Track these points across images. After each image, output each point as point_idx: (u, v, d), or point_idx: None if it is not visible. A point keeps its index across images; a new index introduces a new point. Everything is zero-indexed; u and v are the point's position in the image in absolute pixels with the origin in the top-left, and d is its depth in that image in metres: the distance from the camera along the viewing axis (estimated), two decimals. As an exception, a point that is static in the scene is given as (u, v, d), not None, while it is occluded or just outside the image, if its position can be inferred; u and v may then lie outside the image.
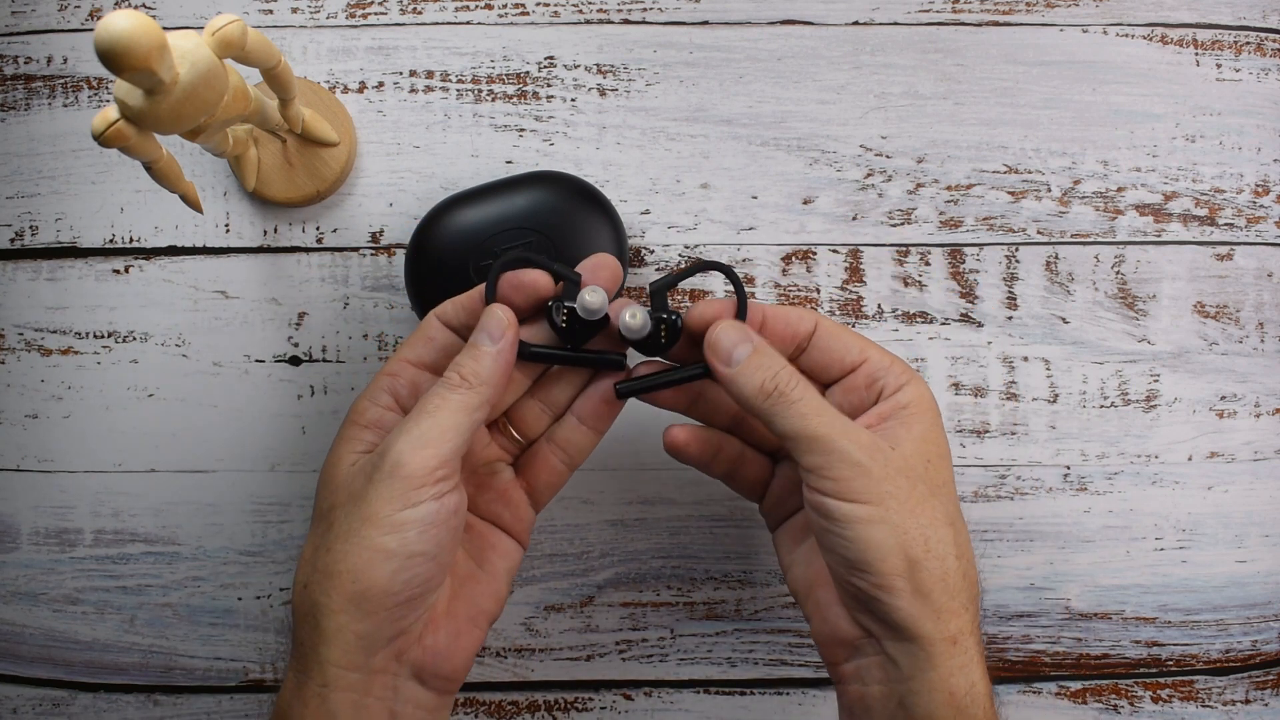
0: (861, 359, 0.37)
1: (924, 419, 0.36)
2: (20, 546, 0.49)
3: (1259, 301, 0.50)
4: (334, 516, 0.34)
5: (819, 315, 0.38)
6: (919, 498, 0.34)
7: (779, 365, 0.35)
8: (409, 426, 0.33)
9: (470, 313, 0.37)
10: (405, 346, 0.37)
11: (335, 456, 0.36)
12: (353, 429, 0.36)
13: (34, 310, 0.49)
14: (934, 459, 0.35)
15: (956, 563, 0.34)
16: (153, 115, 0.32)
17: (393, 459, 0.33)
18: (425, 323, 0.38)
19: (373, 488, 0.33)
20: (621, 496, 0.49)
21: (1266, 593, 0.50)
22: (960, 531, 0.35)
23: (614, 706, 0.49)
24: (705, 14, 0.49)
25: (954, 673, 0.33)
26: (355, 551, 0.32)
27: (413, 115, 0.49)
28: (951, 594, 0.33)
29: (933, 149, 0.49)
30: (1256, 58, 0.50)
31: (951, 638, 0.33)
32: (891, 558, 0.33)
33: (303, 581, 0.34)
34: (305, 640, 0.33)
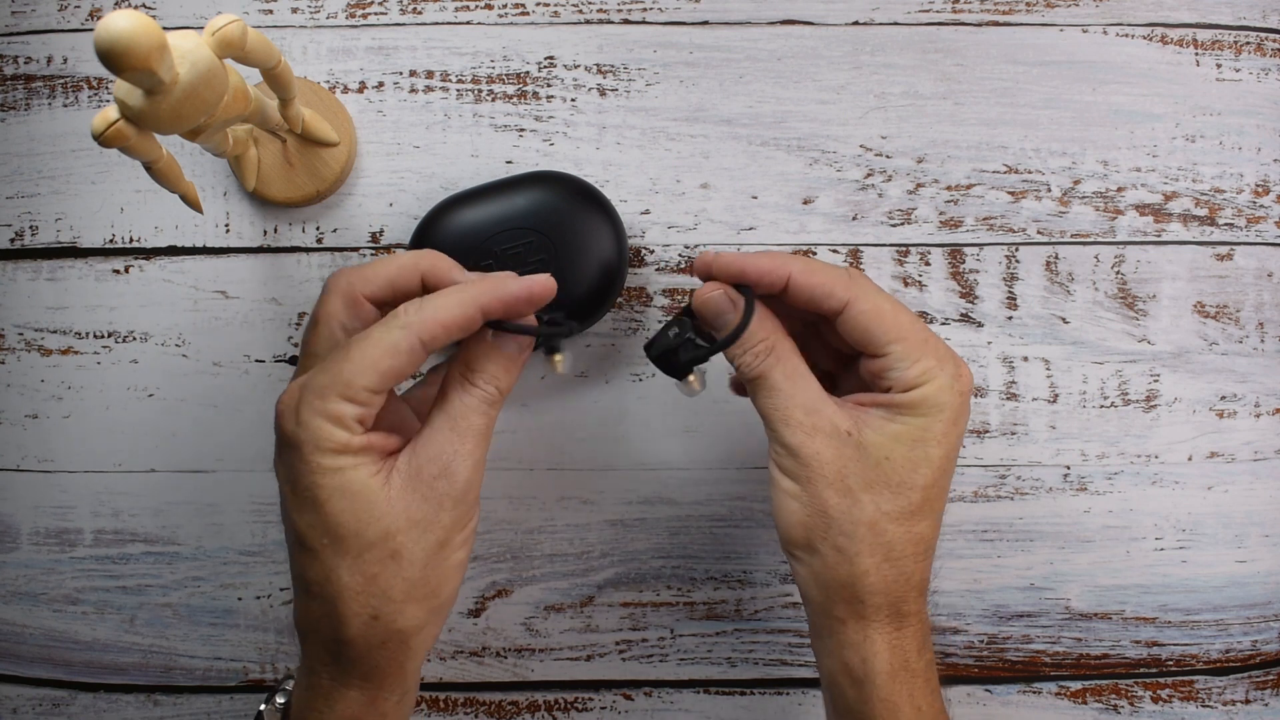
0: (883, 352, 0.36)
1: (916, 421, 0.35)
2: (20, 546, 0.49)
3: (1259, 301, 0.50)
4: (398, 545, 0.33)
5: (859, 293, 0.36)
6: (843, 488, 0.35)
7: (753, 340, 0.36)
8: (467, 449, 0.34)
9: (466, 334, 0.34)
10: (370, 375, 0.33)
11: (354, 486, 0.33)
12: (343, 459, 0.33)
13: (34, 310, 0.49)
14: (899, 459, 0.35)
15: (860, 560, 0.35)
16: (153, 115, 0.32)
17: (463, 483, 0.34)
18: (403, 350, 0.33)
19: (445, 513, 0.34)
20: (621, 496, 0.49)
21: (1266, 593, 0.50)
22: (885, 533, 0.35)
23: (614, 706, 0.49)
24: (705, 14, 0.49)
25: (844, 647, 0.36)
26: (437, 573, 0.34)
27: (413, 115, 0.49)
28: (842, 584, 0.35)
29: (933, 149, 0.49)
30: (1256, 58, 0.50)
31: (840, 618, 0.36)
32: (794, 531, 0.36)
33: (368, 613, 0.33)
34: (384, 662, 0.34)
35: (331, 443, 0.33)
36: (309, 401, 0.33)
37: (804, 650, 0.50)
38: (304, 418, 0.33)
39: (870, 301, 0.36)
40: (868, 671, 0.36)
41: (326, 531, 0.33)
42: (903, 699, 0.36)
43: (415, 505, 0.33)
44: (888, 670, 0.36)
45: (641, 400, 0.49)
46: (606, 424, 0.48)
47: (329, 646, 0.35)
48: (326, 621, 0.34)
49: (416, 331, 0.33)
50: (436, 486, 0.33)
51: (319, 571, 0.34)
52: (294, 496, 0.34)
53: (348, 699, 0.35)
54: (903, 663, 0.36)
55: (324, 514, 0.33)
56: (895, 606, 0.36)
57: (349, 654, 0.34)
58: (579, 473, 0.49)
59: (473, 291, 0.34)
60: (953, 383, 0.36)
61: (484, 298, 0.34)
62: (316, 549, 0.33)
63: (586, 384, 0.49)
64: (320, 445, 0.33)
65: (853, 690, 0.36)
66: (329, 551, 0.33)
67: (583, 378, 0.49)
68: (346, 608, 0.33)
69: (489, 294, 0.34)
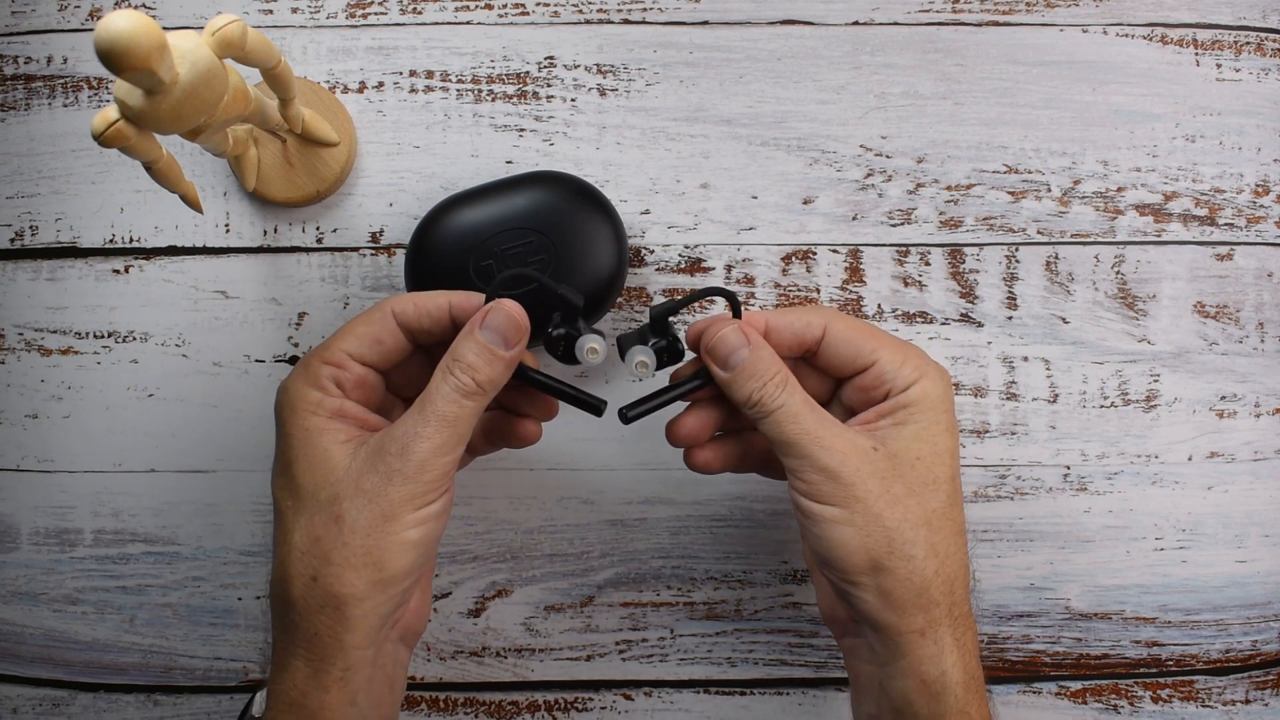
0: (871, 360, 0.37)
1: (924, 417, 0.36)
2: (20, 546, 0.49)
3: (1259, 301, 0.50)
4: (341, 509, 0.34)
5: (831, 316, 0.38)
6: (892, 499, 0.35)
7: (769, 374, 0.36)
8: (428, 432, 0.34)
9: (435, 321, 0.37)
10: (350, 338, 0.37)
11: (317, 448, 0.35)
12: (316, 419, 0.36)
13: (34, 310, 0.49)
14: (926, 456, 0.36)
15: (928, 561, 0.35)
16: (153, 115, 0.32)
17: (417, 463, 0.34)
18: (379, 320, 0.37)
19: (394, 487, 0.34)
20: (621, 496, 0.49)
21: (1266, 593, 0.50)
22: (940, 529, 0.36)
23: (614, 706, 0.49)
24: (705, 14, 0.49)
25: (924, 661, 0.35)
26: (380, 545, 0.34)
27: (413, 115, 0.49)
28: (918, 591, 0.35)
29: (933, 149, 0.49)
30: (1256, 58, 0.50)
31: (919, 630, 0.35)
32: (854, 557, 0.35)
33: (309, 574, 0.34)
34: (323, 630, 0.34)
35: (305, 402, 0.35)
36: (296, 370, 0.37)
37: (804, 650, 0.50)
38: (288, 383, 0.37)
39: (845, 321, 0.38)
40: (945, 683, 0.35)
41: (291, 493, 0.35)
42: (974, 708, 0.36)
43: (366, 476, 0.34)
44: (962, 680, 0.35)
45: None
46: (606, 424, 0.48)
47: (281, 611, 0.36)
48: (280, 584, 0.35)
49: (390, 302, 0.37)
50: (390, 462, 0.34)
51: (281, 531, 0.36)
52: (277, 465, 0.36)
53: (293, 669, 0.35)
54: (973, 670, 0.36)
55: (291, 474, 0.35)
56: (954, 607, 0.36)
57: (292, 617, 0.35)
58: (579, 473, 0.49)
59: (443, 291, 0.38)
60: (939, 375, 0.37)
61: (454, 296, 0.37)
62: (284, 510, 0.36)
63: (587, 384, 0.49)
64: (295, 406, 0.36)
65: (929, 706, 0.35)
66: (290, 512, 0.35)
67: (583, 378, 0.49)
68: (293, 567, 0.35)
69: (457, 294, 0.38)
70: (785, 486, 0.46)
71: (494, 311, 0.36)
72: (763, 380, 0.36)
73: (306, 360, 0.37)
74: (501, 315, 0.36)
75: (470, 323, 0.36)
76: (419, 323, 0.37)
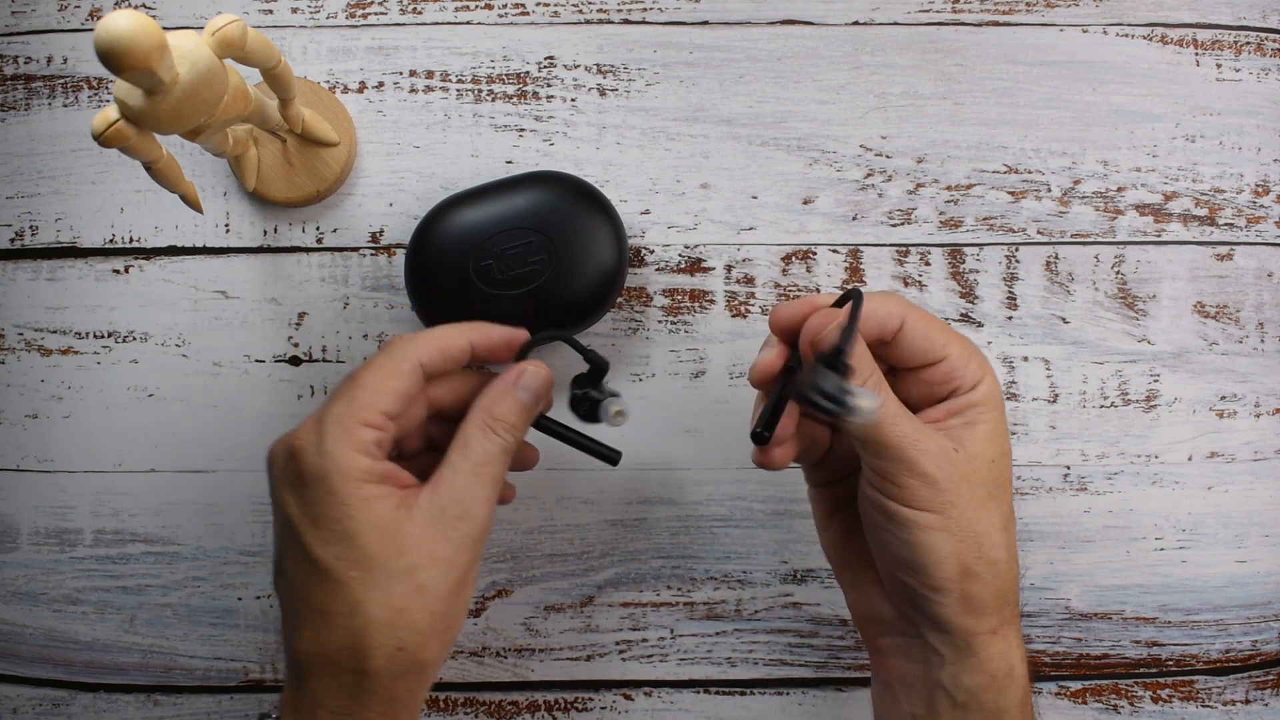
0: (943, 355, 0.37)
1: (991, 417, 0.36)
2: (20, 546, 0.49)
3: (1259, 301, 0.50)
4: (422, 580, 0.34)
5: (908, 308, 0.37)
6: (978, 503, 0.35)
7: (868, 372, 0.35)
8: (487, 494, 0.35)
9: (458, 363, 0.37)
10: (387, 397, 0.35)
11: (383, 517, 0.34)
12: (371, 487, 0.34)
13: (34, 310, 0.49)
14: (997, 458, 0.36)
15: (1009, 564, 0.35)
16: (153, 115, 0.32)
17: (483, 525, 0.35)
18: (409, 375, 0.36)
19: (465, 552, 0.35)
20: (621, 496, 0.49)
21: (1266, 593, 0.50)
22: (1011, 531, 0.36)
23: (614, 706, 0.49)
24: (705, 14, 0.49)
25: (994, 658, 0.35)
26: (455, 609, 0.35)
27: (413, 115, 0.49)
28: (999, 594, 0.35)
29: (933, 149, 0.49)
30: (1256, 58, 0.50)
31: (992, 629, 0.35)
32: (946, 564, 0.34)
33: (394, 645, 0.33)
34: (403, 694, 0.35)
35: (358, 470, 0.34)
36: (332, 432, 0.34)
37: (804, 650, 0.50)
38: (329, 447, 0.34)
39: (919, 312, 0.37)
40: (1014, 676, 0.36)
41: (356, 563, 0.33)
42: (1029, 697, 0.36)
43: (439, 543, 0.34)
44: (1025, 671, 0.36)
45: (641, 400, 0.49)
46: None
47: (345, 679, 0.34)
48: (348, 654, 0.34)
49: (416, 353, 0.36)
50: (460, 528, 0.34)
51: (345, 603, 0.33)
52: (316, 530, 0.34)
53: None
54: (1027, 658, 0.37)
55: (355, 545, 0.33)
56: (1017, 604, 0.37)
57: (369, 685, 0.34)
58: (579, 473, 0.49)
59: (463, 326, 0.37)
60: (995, 374, 0.37)
61: (473, 333, 0.37)
62: (344, 580, 0.33)
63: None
64: (348, 474, 0.33)
65: (996, 700, 0.36)
66: (358, 583, 0.33)
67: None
68: (373, 639, 0.33)
69: (477, 330, 0.37)
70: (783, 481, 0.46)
71: (532, 374, 0.37)
72: (863, 378, 0.35)
73: (340, 421, 0.34)
74: (540, 379, 0.37)
75: (506, 381, 0.37)
76: (442, 368, 0.37)
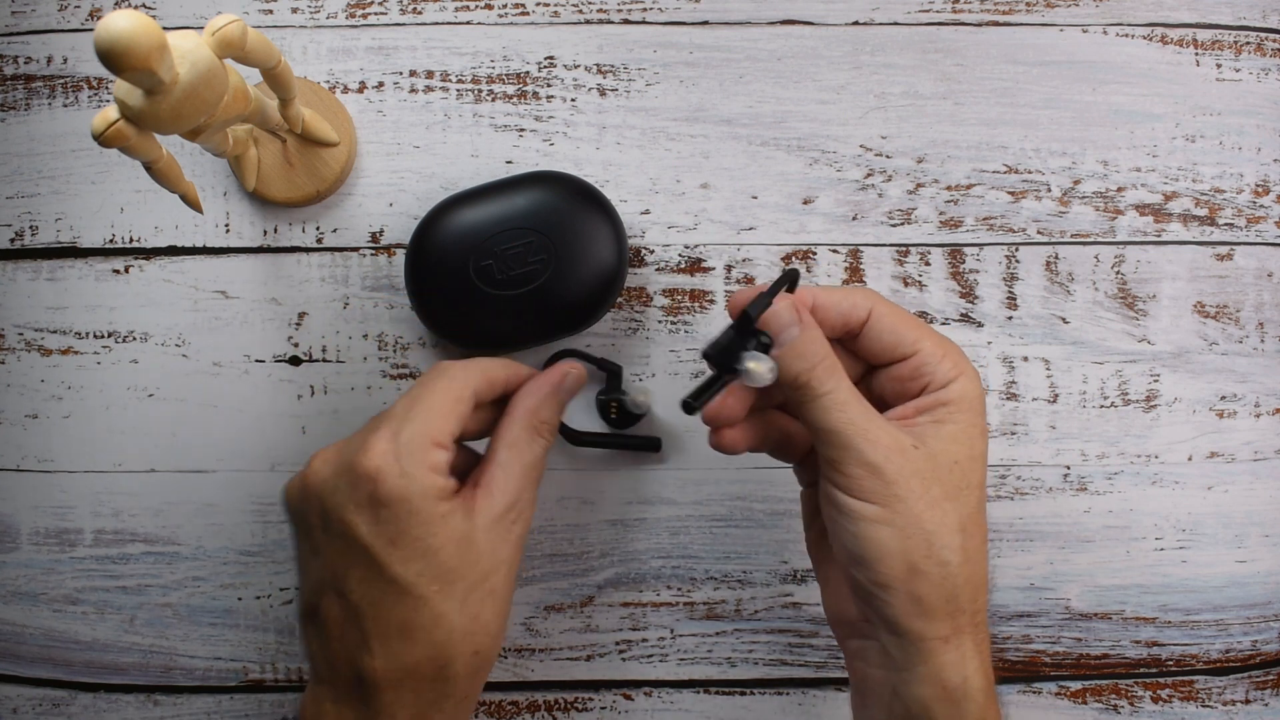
0: (913, 350, 0.36)
1: (962, 418, 0.35)
2: (20, 546, 0.49)
3: (1259, 301, 0.50)
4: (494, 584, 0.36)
5: (877, 299, 0.37)
6: (932, 501, 0.34)
7: (818, 357, 0.35)
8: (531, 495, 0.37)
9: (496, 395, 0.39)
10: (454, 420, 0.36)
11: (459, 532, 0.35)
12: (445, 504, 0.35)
13: (34, 310, 0.49)
14: (962, 460, 0.35)
15: (960, 567, 0.34)
16: (153, 115, 0.32)
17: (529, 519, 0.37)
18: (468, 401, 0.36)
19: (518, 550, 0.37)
20: (621, 496, 0.49)
21: (1266, 593, 0.50)
22: (972, 535, 0.35)
23: (614, 706, 0.49)
24: (705, 14, 0.49)
25: (946, 667, 0.34)
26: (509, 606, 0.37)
27: (413, 115, 0.49)
28: (948, 598, 0.34)
29: (933, 149, 0.49)
30: (1256, 58, 0.50)
31: (944, 636, 0.34)
32: (891, 560, 0.34)
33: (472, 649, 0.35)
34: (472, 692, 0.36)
35: (437, 490, 0.35)
36: (411, 455, 0.34)
37: (804, 650, 0.50)
38: (409, 469, 0.34)
39: (888, 305, 0.37)
40: (968, 690, 0.34)
41: (438, 577, 0.34)
42: (991, 713, 0.35)
43: (500, 546, 0.36)
44: (983, 686, 0.35)
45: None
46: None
47: (424, 689, 0.35)
48: (430, 664, 0.34)
49: (473, 382, 0.37)
50: (515, 529, 0.36)
51: (427, 617, 0.34)
52: (395, 550, 0.34)
53: None
54: (990, 676, 0.36)
55: (437, 560, 0.34)
56: (977, 614, 0.35)
57: (447, 690, 0.35)
58: (579, 473, 0.49)
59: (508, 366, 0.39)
60: (975, 374, 0.36)
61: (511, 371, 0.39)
62: (426, 595, 0.34)
63: (587, 384, 0.49)
64: (429, 494, 0.34)
65: (949, 713, 0.35)
66: (439, 596, 0.34)
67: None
68: (455, 647, 0.35)
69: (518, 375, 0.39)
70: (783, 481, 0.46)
71: (575, 378, 0.40)
72: (812, 363, 0.35)
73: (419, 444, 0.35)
74: (581, 382, 0.40)
75: (550, 383, 0.39)
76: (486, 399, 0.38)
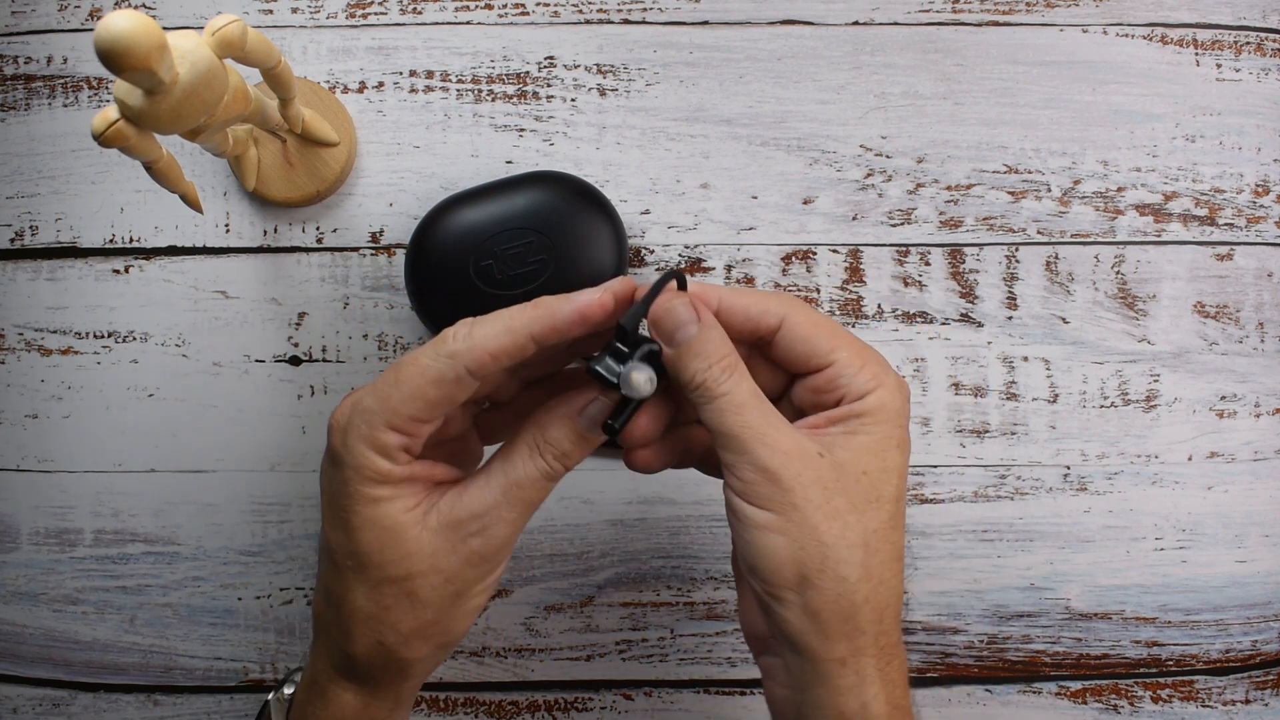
0: (828, 361, 0.34)
1: (877, 429, 0.33)
2: (20, 546, 0.49)
3: (1259, 301, 0.50)
4: (415, 586, 0.33)
5: (792, 307, 0.35)
6: (832, 512, 0.32)
7: (716, 356, 0.33)
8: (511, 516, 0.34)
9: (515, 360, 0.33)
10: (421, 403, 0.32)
11: (387, 520, 0.33)
12: (383, 489, 0.33)
13: (34, 310, 0.49)
14: (872, 471, 0.33)
15: (860, 585, 0.32)
16: (153, 115, 0.32)
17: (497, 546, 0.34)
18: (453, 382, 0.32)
19: (471, 569, 0.34)
20: (621, 496, 0.49)
21: (1266, 593, 0.50)
22: (877, 552, 0.33)
23: (614, 706, 0.49)
24: (705, 14, 0.49)
25: (843, 692, 0.33)
26: (451, 617, 0.34)
27: (413, 115, 0.49)
28: (845, 616, 0.32)
29: (933, 149, 0.49)
30: (1256, 58, 0.50)
31: (840, 659, 0.33)
32: (783, 570, 0.32)
33: (373, 638, 0.34)
34: (384, 681, 0.35)
35: (372, 471, 0.32)
36: (356, 426, 0.32)
37: (804, 650, 0.49)
38: (350, 441, 0.33)
39: (805, 313, 0.35)
40: (867, 716, 0.33)
41: (351, 555, 0.33)
42: None
43: (443, 554, 0.33)
44: (886, 713, 0.33)
45: (641, 400, 0.49)
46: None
47: (333, 651, 0.35)
48: (337, 630, 0.35)
49: (464, 362, 0.32)
50: (470, 544, 0.33)
51: (339, 587, 0.34)
52: (329, 510, 0.34)
53: (342, 701, 0.35)
54: (898, 701, 0.34)
55: (353, 539, 0.33)
56: (881, 636, 0.33)
57: (352, 666, 0.35)
58: (579, 473, 0.49)
59: (523, 319, 0.32)
60: (898, 385, 0.34)
61: (535, 325, 0.32)
62: (340, 566, 0.34)
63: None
64: (361, 472, 0.32)
65: None
66: (350, 574, 0.34)
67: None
68: (355, 628, 0.34)
69: (540, 320, 0.32)
70: None
71: (601, 406, 0.34)
72: (709, 362, 0.33)
73: (368, 420, 0.32)
74: (607, 411, 0.34)
75: (571, 405, 0.34)
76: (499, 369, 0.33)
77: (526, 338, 0.32)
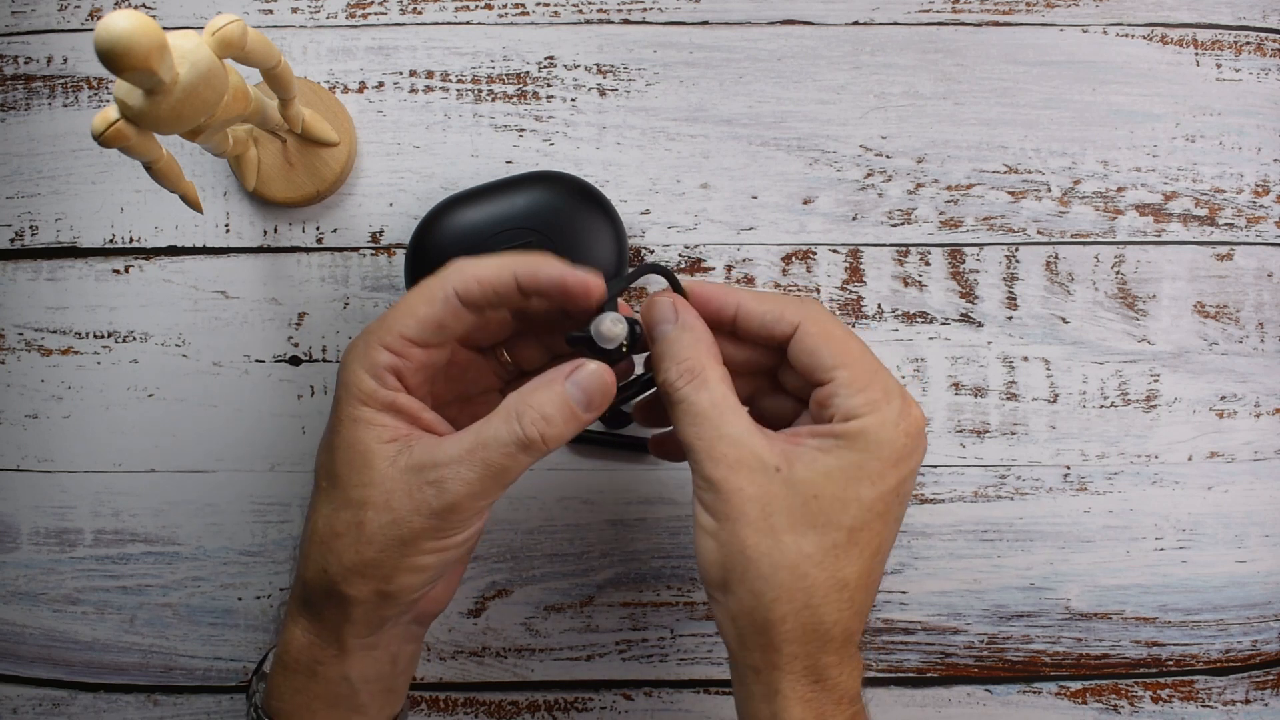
0: (828, 378, 0.34)
1: (850, 456, 0.33)
2: (20, 546, 0.49)
3: (1259, 301, 0.50)
4: (365, 516, 0.33)
5: (810, 315, 0.35)
6: (766, 528, 0.32)
7: (683, 358, 0.33)
8: (470, 477, 0.32)
9: (502, 295, 0.34)
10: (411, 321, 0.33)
11: (360, 442, 0.33)
12: (365, 410, 0.33)
13: (34, 310, 0.49)
14: (826, 497, 0.32)
15: (776, 604, 0.32)
16: (153, 115, 0.32)
17: (448, 503, 0.32)
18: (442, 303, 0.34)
19: (419, 518, 0.33)
20: (621, 496, 0.49)
21: (1266, 593, 0.50)
22: (806, 575, 0.32)
23: (614, 706, 0.49)
24: (705, 14, 0.49)
25: (755, 698, 0.34)
26: (392, 563, 0.33)
27: (413, 115, 0.49)
28: (758, 629, 0.33)
29: (933, 149, 0.49)
30: (1256, 58, 0.50)
31: (754, 666, 0.33)
32: (712, 570, 0.34)
33: (320, 564, 0.34)
34: (327, 614, 0.35)
35: (359, 390, 0.33)
36: (355, 345, 0.34)
37: (804, 650, 0.50)
38: (347, 359, 0.34)
39: (820, 325, 0.34)
40: None
41: (327, 474, 0.35)
42: None
43: (398, 494, 0.33)
44: None
45: (641, 400, 0.49)
46: (606, 424, 0.48)
47: (295, 578, 0.36)
48: (301, 556, 0.36)
49: (452, 282, 0.34)
50: (424, 491, 0.32)
51: (311, 505, 0.36)
52: (324, 438, 0.35)
53: (292, 633, 0.36)
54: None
55: (331, 457, 0.34)
56: (813, 659, 0.33)
57: (303, 593, 0.36)
58: (579, 473, 0.49)
59: (512, 259, 0.34)
60: (898, 420, 0.33)
61: (521, 267, 0.34)
62: (318, 486, 0.35)
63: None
64: (349, 389, 0.34)
65: None
66: (322, 493, 0.35)
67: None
68: (311, 551, 0.35)
69: (526, 265, 0.34)
70: None
71: (590, 371, 0.33)
72: (675, 363, 0.33)
73: (366, 340, 0.34)
74: (597, 379, 0.33)
75: (556, 372, 0.34)
76: (484, 300, 0.34)
77: (510, 275, 0.34)
